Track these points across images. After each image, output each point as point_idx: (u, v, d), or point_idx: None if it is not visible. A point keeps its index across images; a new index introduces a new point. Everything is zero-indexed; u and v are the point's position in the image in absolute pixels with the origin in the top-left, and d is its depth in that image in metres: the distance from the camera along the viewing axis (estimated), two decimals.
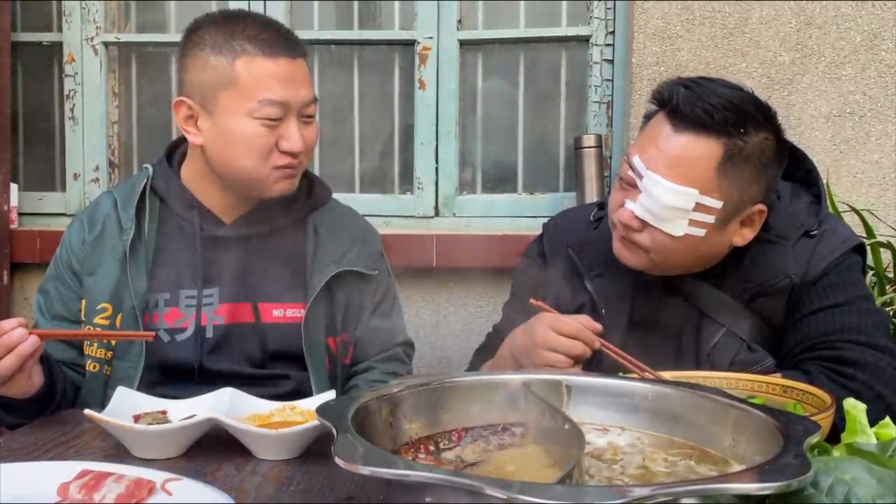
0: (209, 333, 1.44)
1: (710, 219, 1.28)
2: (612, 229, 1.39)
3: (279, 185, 1.43)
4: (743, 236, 1.35)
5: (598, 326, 1.28)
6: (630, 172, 1.32)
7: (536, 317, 1.32)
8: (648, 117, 1.36)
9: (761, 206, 1.33)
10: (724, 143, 1.26)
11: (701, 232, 1.29)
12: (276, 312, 1.48)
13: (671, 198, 1.26)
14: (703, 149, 1.27)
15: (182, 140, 1.56)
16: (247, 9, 2.45)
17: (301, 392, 1.44)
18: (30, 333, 1.19)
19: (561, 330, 1.25)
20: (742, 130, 1.27)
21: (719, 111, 1.25)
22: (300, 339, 1.46)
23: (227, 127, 1.38)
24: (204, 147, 1.42)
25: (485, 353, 1.57)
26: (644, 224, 1.30)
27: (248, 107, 1.36)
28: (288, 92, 1.38)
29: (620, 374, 1.14)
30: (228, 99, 1.37)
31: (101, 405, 1.24)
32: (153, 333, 1.35)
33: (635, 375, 1.16)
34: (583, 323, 1.27)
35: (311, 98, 1.43)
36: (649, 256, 1.33)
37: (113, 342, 1.43)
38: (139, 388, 1.32)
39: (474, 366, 1.57)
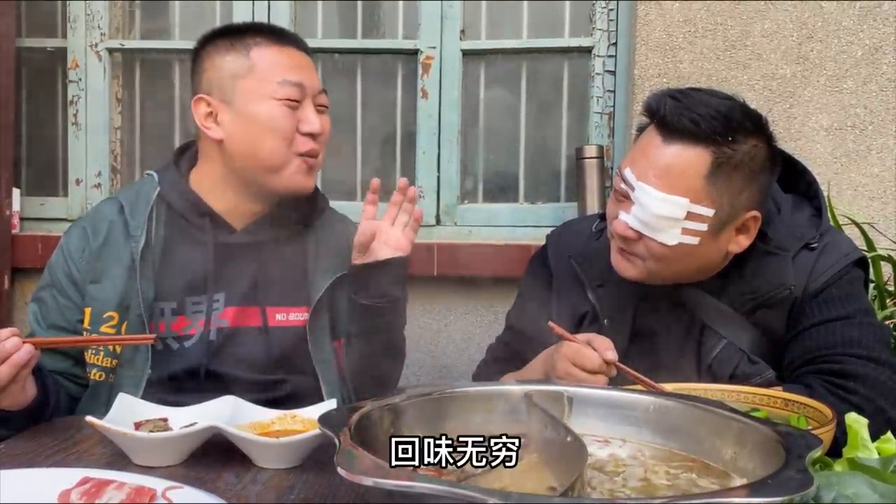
0: (213, 336, 1.44)
1: (703, 227, 1.29)
2: (611, 240, 1.40)
3: (299, 177, 1.45)
4: (738, 243, 1.35)
5: (615, 356, 1.24)
6: (622, 185, 1.33)
7: (556, 347, 1.30)
8: (641, 129, 1.37)
9: (755, 213, 1.33)
10: (713, 151, 1.27)
11: (694, 240, 1.29)
12: (279, 316, 1.48)
13: (662, 207, 1.27)
14: (691, 158, 1.27)
15: (188, 146, 1.56)
16: (251, 16, 2.47)
17: (297, 395, 1.44)
18: (24, 342, 1.18)
19: (584, 366, 1.24)
20: (730, 138, 1.27)
21: (706, 120, 1.26)
22: (305, 343, 1.46)
23: (249, 113, 1.41)
24: (224, 142, 1.43)
25: (492, 368, 1.57)
26: (639, 234, 1.31)
27: (268, 89, 1.40)
28: (303, 76, 1.44)
29: (619, 386, 1.13)
30: (247, 85, 1.41)
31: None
32: (153, 336, 1.34)
33: (638, 387, 1.16)
34: (598, 347, 1.24)
35: (323, 88, 1.48)
36: (646, 266, 1.34)
37: (118, 349, 1.41)
38: (144, 396, 1.32)
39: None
